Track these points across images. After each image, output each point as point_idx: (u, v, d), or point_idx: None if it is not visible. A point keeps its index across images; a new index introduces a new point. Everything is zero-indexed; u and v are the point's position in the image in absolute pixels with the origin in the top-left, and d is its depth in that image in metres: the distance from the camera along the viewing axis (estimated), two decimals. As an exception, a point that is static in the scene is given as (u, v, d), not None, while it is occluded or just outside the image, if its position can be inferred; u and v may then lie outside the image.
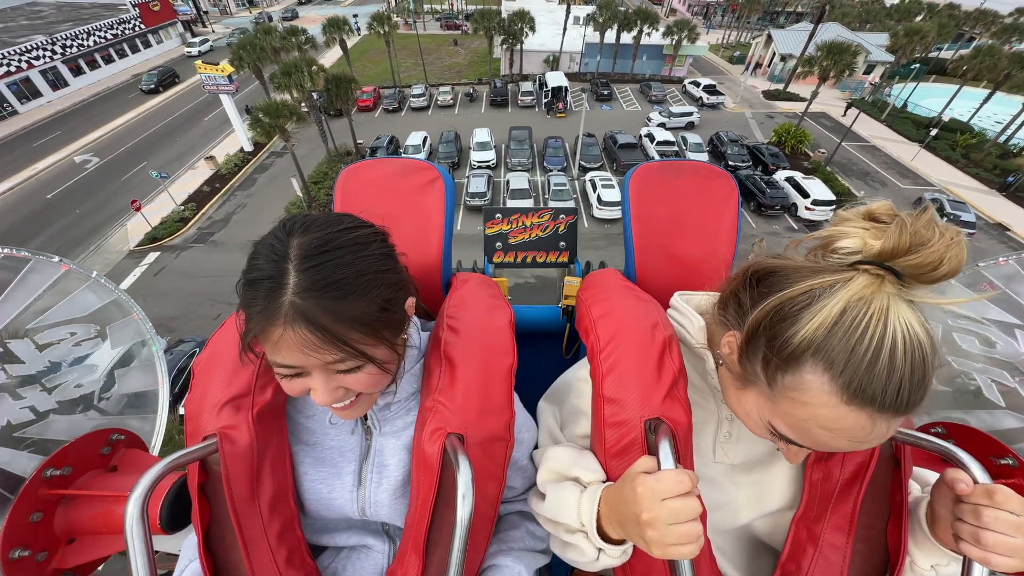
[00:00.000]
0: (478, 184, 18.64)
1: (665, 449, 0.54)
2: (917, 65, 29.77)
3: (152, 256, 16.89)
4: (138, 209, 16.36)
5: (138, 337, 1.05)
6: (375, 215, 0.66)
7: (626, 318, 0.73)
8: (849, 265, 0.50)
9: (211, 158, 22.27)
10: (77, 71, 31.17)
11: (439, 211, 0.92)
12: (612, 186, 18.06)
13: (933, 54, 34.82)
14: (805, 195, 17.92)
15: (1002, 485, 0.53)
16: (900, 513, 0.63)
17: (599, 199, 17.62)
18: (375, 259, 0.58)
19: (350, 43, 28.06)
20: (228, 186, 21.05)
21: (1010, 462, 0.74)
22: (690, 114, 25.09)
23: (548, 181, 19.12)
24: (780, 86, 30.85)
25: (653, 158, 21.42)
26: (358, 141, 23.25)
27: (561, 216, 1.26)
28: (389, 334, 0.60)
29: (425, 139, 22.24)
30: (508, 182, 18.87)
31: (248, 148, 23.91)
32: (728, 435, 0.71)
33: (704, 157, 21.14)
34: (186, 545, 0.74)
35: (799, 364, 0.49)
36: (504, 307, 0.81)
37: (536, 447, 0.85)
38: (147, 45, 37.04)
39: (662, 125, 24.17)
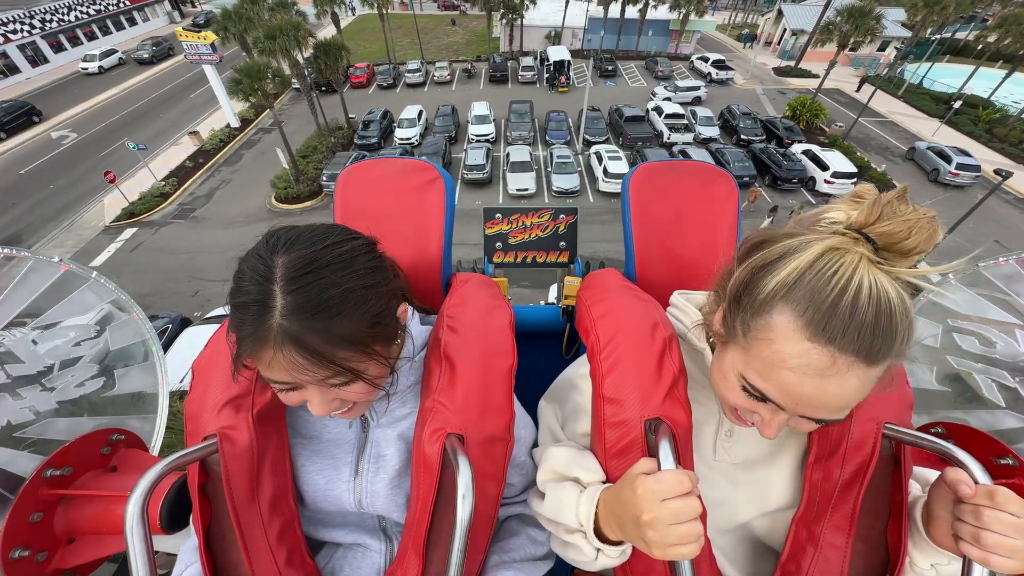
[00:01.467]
0: (476, 156, 17.54)
1: (665, 449, 0.54)
2: (937, 37, 28.55)
3: (129, 232, 15.83)
4: (112, 181, 15.25)
5: (138, 337, 1.02)
6: (375, 215, 0.65)
7: (626, 318, 0.72)
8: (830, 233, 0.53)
9: (195, 133, 21.10)
10: (58, 47, 29.83)
11: (439, 211, 0.90)
12: (619, 158, 16.98)
13: (947, 35, 33.45)
14: (824, 168, 16.87)
15: (1002, 486, 0.53)
16: (900, 513, 0.63)
17: (605, 171, 16.54)
18: (363, 274, 0.57)
19: (343, 23, 26.73)
20: (212, 161, 19.94)
21: (1010, 462, 0.73)
22: (697, 88, 23.94)
23: (551, 154, 18.03)
24: (791, 63, 29.65)
25: (661, 132, 20.66)
26: (350, 115, 22.11)
27: (561, 216, 1.22)
28: (381, 348, 0.60)
29: (420, 113, 21.11)
30: (508, 155, 17.78)
31: (235, 124, 22.76)
32: (729, 433, 0.70)
33: (715, 131, 20.10)
34: (183, 550, 0.72)
35: (770, 308, 0.51)
36: (504, 307, 0.80)
37: (535, 445, 0.84)
38: (132, 23, 35.57)
39: (668, 100, 23.03)
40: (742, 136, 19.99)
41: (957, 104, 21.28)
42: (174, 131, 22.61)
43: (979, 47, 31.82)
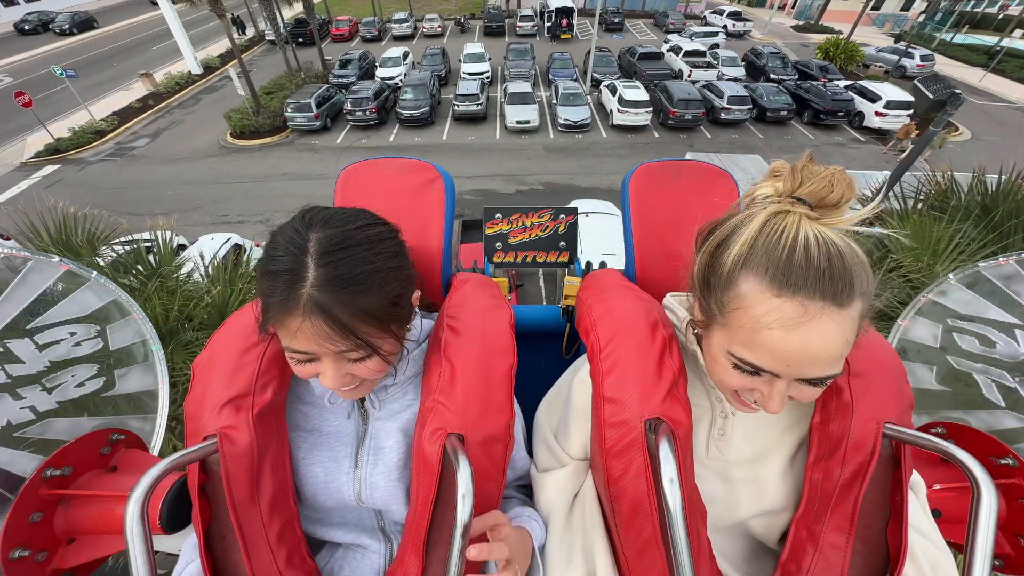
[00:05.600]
0: (469, 87, 14.99)
1: (665, 449, 0.55)
2: (956, 10, 26.60)
3: (49, 169, 13.16)
4: (27, 105, 12.62)
5: (138, 337, 1.02)
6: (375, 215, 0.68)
7: (626, 318, 0.73)
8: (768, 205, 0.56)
9: (148, 75, 18.44)
10: (8, 3, 27.19)
11: (439, 211, 0.92)
12: (637, 87, 14.51)
13: (965, 9, 31.42)
14: (873, 100, 14.49)
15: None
16: (900, 513, 0.64)
17: (620, 100, 14.05)
18: (388, 256, 0.61)
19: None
20: (166, 103, 17.34)
21: (1010, 462, 0.73)
22: (714, 35, 21.63)
23: (556, 88, 15.53)
24: (810, 22, 27.47)
25: (681, 71, 18.20)
26: (325, 58, 19.55)
27: (561, 216, 1.23)
28: (396, 327, 0.63)
29: (406, 54, 18.63)
30: (507, 88, 15.28)
31: (197, 71, 20.17)
32: (721, 432, 0.72)
33: (740, 72, 17.70)
34: (186, 547, 0.73)
35: (735, 279, 0.54)
36: (504, 307, 0.81)
37: (534, 448, 0.85)
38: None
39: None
40: (771, 76, 17.62)
41: (1014, 41, 19.00)
42: (127, 78, 19.94)
43: (1000, 16, 29.99)
